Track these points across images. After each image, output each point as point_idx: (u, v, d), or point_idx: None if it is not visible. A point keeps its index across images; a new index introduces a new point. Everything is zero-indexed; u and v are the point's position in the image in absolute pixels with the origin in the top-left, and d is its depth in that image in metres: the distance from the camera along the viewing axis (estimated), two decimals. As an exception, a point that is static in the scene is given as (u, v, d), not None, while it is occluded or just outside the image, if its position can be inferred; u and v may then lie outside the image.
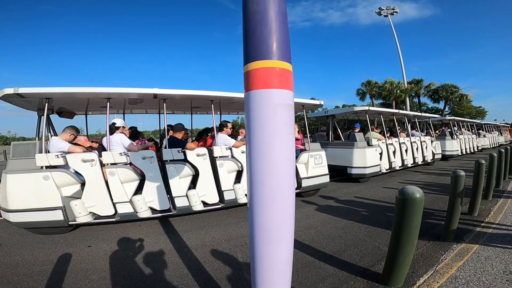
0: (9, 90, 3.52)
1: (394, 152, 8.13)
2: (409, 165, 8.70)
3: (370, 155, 7.14)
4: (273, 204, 1.32)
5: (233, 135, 5.59)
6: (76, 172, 3.94)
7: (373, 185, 6.96)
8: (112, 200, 3.95)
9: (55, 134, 4.92)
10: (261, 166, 1.31)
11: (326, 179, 5.83)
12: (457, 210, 3.29)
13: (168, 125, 5.12)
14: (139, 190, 4.18)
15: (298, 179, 5.40)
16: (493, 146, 19.32)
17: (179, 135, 4.90)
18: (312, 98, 6.37)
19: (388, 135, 8.57)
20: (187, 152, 4.39)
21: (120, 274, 2.76)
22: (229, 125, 5.23)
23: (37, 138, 4.49)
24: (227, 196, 4.55)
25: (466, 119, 17.89)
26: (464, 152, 13.56)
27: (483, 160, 4.23)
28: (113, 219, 3.98)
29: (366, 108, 7.85)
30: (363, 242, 3.38)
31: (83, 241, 3.70)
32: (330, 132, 8.63)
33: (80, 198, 3.85)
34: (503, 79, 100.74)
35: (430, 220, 4.07)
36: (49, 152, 3.86)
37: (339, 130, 8.71)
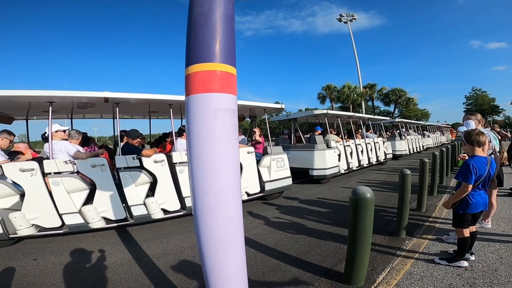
0: None
1: (351, 153, 8.61)
2: (365, 165, 9.28)
3: (329, 157, 7.47)
4: (217, 212, 1.27)
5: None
6: (15, 183, 3.57)
7: (333, 186, 7.26)
8: (57, 211, 3.65)
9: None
10: (202, 173, 1.25)
11: (289, 181, 5.95)
12: (406, 206, 3.49)
13: (122, 131, 4.81)
14: (90, 199, 3.88)
15: (261, 182, 5.43)
16: (437, 145, 21.45)
17: (134, 142, 4.61)
18: (276, 102, 6.49)
19: (345, 137, 9.06)
20: (143, 159, 4.17)
21: (72, 287, 2.56)
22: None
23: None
24: (189, 202, 4.39)
25: (412, 121, 19.72)
26: (411, 152, 14.93)
27: (426, 158, 4.61)
28: (61, 231, 3.70)
29: (325, 111, 8.24)
30: (325, 242, 3.46)
31: (27, 254, 3.39)
32: (292, 135, 8.87)
33: (20, 210, 3.52)
34: (443, 83, 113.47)
35: (384, 218, 4.27)
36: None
37: (300, 133, 8.99)
